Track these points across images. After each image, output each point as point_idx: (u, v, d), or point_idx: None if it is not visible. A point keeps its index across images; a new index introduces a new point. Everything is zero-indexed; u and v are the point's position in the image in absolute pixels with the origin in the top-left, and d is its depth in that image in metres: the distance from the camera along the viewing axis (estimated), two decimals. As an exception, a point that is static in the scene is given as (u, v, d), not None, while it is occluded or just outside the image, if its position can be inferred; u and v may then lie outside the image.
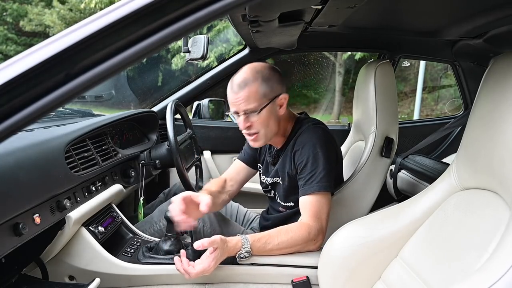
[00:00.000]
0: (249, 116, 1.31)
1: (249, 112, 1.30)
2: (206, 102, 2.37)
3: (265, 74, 1.31)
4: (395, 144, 1.50)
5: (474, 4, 1.19)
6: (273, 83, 1.32)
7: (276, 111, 1.34)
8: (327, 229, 1.28)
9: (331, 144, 1.38)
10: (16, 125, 0.52)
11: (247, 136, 1.38)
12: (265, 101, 1.30)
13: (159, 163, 1.64)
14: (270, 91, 1.31)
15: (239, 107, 1.31)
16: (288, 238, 1.23)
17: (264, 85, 1.30)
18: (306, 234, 1.24)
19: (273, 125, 1.35)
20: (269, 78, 1.31)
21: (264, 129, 1.33)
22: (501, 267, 0.64)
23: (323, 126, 1.40)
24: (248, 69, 1.33)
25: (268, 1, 1.01)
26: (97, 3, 9.40)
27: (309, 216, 1.27)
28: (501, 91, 0.83)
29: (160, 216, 1.49)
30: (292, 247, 1.24)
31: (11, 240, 0.91)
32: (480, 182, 0.89)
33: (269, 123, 1.33)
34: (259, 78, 1.30)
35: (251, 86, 1.29)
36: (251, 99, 1.29)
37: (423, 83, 7.16)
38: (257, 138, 1.35)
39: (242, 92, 1.29)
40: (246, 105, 1.29)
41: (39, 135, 1.16)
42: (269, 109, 1.31)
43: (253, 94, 1.29)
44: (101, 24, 0.53)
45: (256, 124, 1.32)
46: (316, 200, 1.28)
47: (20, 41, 11.92)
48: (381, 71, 1.47)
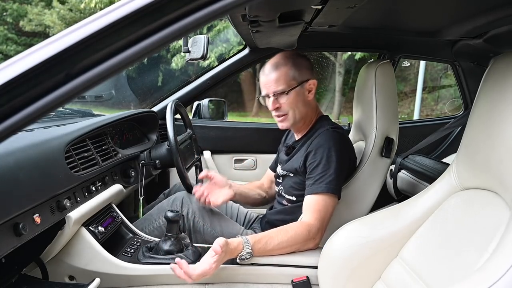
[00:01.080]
0: (278, 97, 1.39)
1: (278, 93, 1.38)
2: (206, 102, 2.37)
3: (295, 59, 1.41)
4: (395, 144, 1.50)
5: (474, 4, 1.18)
6: (302, 68, 1.40)
7: (305, 96, 1.42)
8: (327, 229, 1.28)
9: (347, 151, 1.41)
10: (16, 125, 0.52)
11: (276, 118, 1.45)
12: (293, 83, 1.38)
13: (159, 163, 1.64)
14: (299, 75, 1.39)
15: (270, 88, 1.39)
16: (288, 238, 1.24)
17: (293, 69, 1.38)
18: (306, 232, 1.25)
19: (301, 108, 1.42)
20: (299, 63, 1.40)
21: (292, 111, 1.40)
22: (501, 267, 0.64)
23: (342, 131, 1.43)
24: (280, 54, 1.43)
25: (268, 1, 1.01)
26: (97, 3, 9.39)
27: (311, 214, 1.28)
28: (501, 91, 0.83)
29: (159, 213, 1.49)
30: (292, 246, 1.25)
31: (11, 240, 0.91)
32: (480, 182, 0.89)
33: (297, 105, 1.40)
34: (289, 63, 1.39)
35: (281, 68, 1.38)
36: (280, 81, 1.37)
37: (423, 83, 7.15)
38: (285, 119, 1.42)
39: (273, 74, 1.38)
40: (276, 87, 1.38)
41: (39, 135, 1.16)
42: (298, 92, 1.39)
43: (283, 76, 1.37)
44: (101, 24, 0.53)
45: (284, 106, 1.39)
46: (322, 200, 1.29)
47: (20, 41, 11.92)
48: (381, 71, 1.46)
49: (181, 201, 1.50)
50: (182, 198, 1.51)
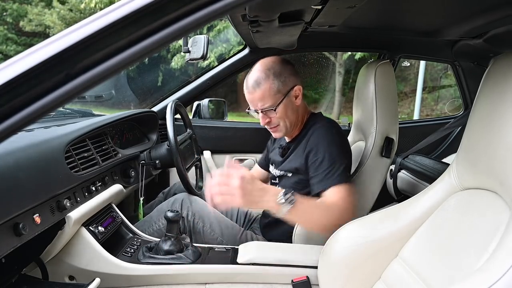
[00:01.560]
0: (267, 112, 1.37)
1: (266, 109, 1.36)
2: (206, 102, 2.37)
3: (276, 69, 1.35)
4: (395, 144, 1.50)
5: (474, 4, 1.18)
6: (285, 77, 1.36)
7: (293, 103, 1.40)
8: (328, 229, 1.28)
9: (345, 142, 1.41)
10: (16, 125, 0.52)
11: (269, 129, 1.44)
12: (279, 96, 1.35)
13: (159, 163, 1.64)
14: (283, 86, 1.36)
15: (256, 105, 1.37)
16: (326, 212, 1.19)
17: (276, 81, 1.34)
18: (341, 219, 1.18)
19: (291, 116, 1.40)
20: (281, 72, 1.36)
21: (283, 121, 1.39)
22: (501, 267, 0.64)
23: (337, 125, 1.43)
24: (260, 66, 1.37)
25: (268, 1, 1.01)
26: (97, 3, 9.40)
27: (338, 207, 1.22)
28: (501, 91, 0.83)
29: (159, 216, 1.49)
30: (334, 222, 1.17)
31: (11, 240, 0.91)
32: (480, 182, 0.89)
33: (287, 115, 1.39)
34: (270, 75, 1.34)
35: (264, 85, 1.34)
36: (266, 98, 1.34)
37: (423, 83, 7.16)
38: (277, 129, 1.42)
39: (257, 92, 1.34)
40: (263, 104, 1.35)
41: (39, 135, 1.16)
42: (285, 103, 1.37)
43: (267, 93, 1.34)
44: (101, 24, 0.53)
45: (274, 119, 1.39)
46: (339, 191, 1.25)
47: (20, 41, 11.93)
48: (381, 71, 1.46)
49: (180, 202, 1.50)
50: (181, 199, 1.51)
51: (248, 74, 1.39)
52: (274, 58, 1.40)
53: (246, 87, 1.38)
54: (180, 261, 1.24)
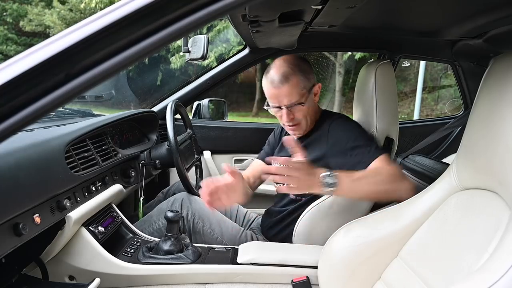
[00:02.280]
0: (293, 109, 1.35)
1: (293, 105, 1.34)
2: (206, 102, 2.37)
3: (301, 65, 1.36)
4: (395, 144, 1.50)
5: (474, 4, 1.18)
6: (308, 74, 1.37)
7: (314, 100, 1.41)
8: (327, 229, 1.28)
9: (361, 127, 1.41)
10: (16, 125, 0.52)
11: (287, 128, 1.42)
12: (305, 92, 1.35)
13: (159, 163, 1.64)
14: (308, 82, 1.36)
15: (282, 101, 1.34)
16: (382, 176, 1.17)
17: (302, 77, 1.34)
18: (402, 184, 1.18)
19: (312, 113, 1.41)
20: (305, 69, 1.37)
21: (305, 118, 1.39)
22: (501, 267, 0.64)
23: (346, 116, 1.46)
24: (284, 62, 1.36)
25: (268, 1, 1.01)
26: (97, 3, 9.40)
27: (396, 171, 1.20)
28: (501, 91, 0.83)
29: (159, 215, 1.49)
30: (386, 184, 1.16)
31: (11, 240, 0.91)
32: (480, 182, 0.89)
33: (309, 112, 1.39)
34: (297, 71, 1.34)
35: (292, 79, 1.32)
36: (293, 93, 1.33)
37: (423, 83, 7.16)
38: (298, 127, 1.40)
39: (285, 87, 1.32)
40: (290, 100, 1.33)
41: (39, 135, 1.16)
42: (309, 100, 1.37)
43: (295, 88, 1.33)
44: (101, 24, 0.53)
45: (298, 115, 1.37)
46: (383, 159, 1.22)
47: (20, 41, 11.93)
48: (381, 71, 1.46)
49: (180, 202, 1.50)
50: (181, 199, 1.51)
51: (270, 70, 1.36)
52: (295, 55, 1.41)
53: (270, 82, 1.34)
54: (180, 261, 1.24)
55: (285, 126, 1.43)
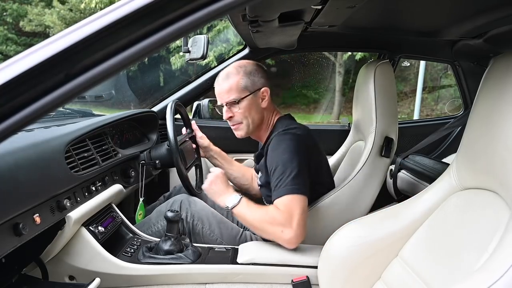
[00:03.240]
0: (231, 107, 1.42)
1: (230, 102, 1.41)
2: (206, 102, 2.37)
3: (247, 68, 1.43)
4: (395, 144, 1.50)
5: (474, 4, 1.19)
6: (254, 77, 1.42)
7: (258, 104, 1.44)
8: (328, 229, 1.28)
9: (302, 150, 1.33)
10: (16, 125, 0.52)
11: (231, 127, 1.49)
12: (245, 92, 1.41)
13: (159, 163, 1.64)
14: (251, 84, 1.42)
15: (222, 98, 1.43)
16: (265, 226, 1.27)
17: (245, 78, 1.41)
18: (280, 232, 1.24)
19: (255, 116, 1.44)
20: (251, 72, 1.43)
21: (246, 119, 1.44)
22: (501, 267, 0.64)
23: (294, 131, 1.36)
24: (234, 64, 1.46)
25: (268, 1, 1.01)
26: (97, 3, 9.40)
27: (282, 219, 1.23)
28: (501, 91, 0.83)
29: (158, 217, 1.49)
30: (264, 229, 1.29)
31: (11, 240, 0.91)
32: (480, 182, 0.89)
33: (250, 113, 1.43)
34: (241, 72, 1.42)
35: (232, 78, 1.41)
36: (232, 91, 1.41)
37: (423, 83, 7.15)
38: (239, 127, 1.47)
39: (224, 84, 1.42)
40: (228, 96, 1.41)
41: (39, 135, 1.16)
42: (250, 101, 1.42)
43: (234, 86, 1.41)
44: (101, 24, 0.53)
45: (237, 115, 1.43)
46: (284, 203, 1.24)
47: (20, 41, 11.92)
48: (381, 71, 1.47)
49: (179, 204, 1.50)
50: (180, 201, 1.51)
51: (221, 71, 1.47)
52: (249, 61, 1.49)
53: (216, 80, 1.46)
54: (180, 261, 1.24)
55: (229, 124, 1.49)
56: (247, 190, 1.81)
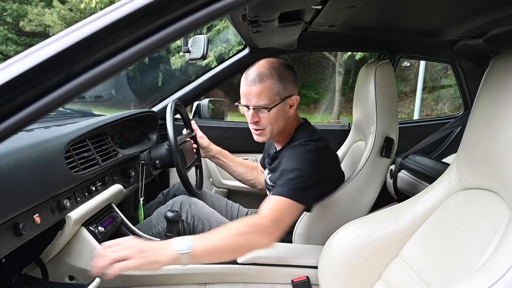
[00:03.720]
0: (259, 111, 1.31)
1: (259, 107, 1.30)
2: (206, 102, 2.37)
3: (281, 71, 1.31)
4: (395, 144, 1.50)
5: (474, 4, 1.18)
6: (287, 82, 1.32)
7: (286, 111, 1.34)
8: (328, 229, 1.28)
9: (321, 160, 1.29)
10: (16, 125, 0.52)
11: (252, 130, 1.38)
12: (277, 99, 1.30)
13: (159, 163, 1.64)
14: (283, 90, 1.31)
15: (251, 100, 1.30)
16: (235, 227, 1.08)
17: (278, 83, 1.29)
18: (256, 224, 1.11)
19: (280, 124, 1.35)
20: (284, 76, 1.31)
21: (271, 126, 1.33)
22: (501, 267, 0.64)
23: (318, 144, 1.32)
24: (265, 63, 1.32)
25: (268, 1, 1.01)
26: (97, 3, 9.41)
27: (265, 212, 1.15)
28: (501, 91, 0.83)
29: (158, 219, 1.49)
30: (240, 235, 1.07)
31: (11, 240, 0.91)
32: (480, 182, 0.89)
33: (277, 121, 1.33)
34: (274, 75, 1.29)
35: (266, 82, 1.28)
36: (263, 95, 1.28)
37: (423, 83, 7.16)
38: (262, 133, 1.36)
39: (256, 87, 1.28)
40: (258, 101, 1.29)
41: (39, 135, 1.16)
42: (280, 108, 1.31)
43: (266, 91, 1.28)
44: (101, 24, 0.53)
45: (264, 121, 1.32)
46: (281, 202, 1.17)
47: (20, 41, 11.93)
48: (381, 71, 1.47)
49: (179, 205, 1.50)
50: (180, 202, 1.51)
51: (251, 67, 1.34)
52: (280, 61, 1.37)
53: (245, 78, 1.32)
54: (180, 261, 1.24)
55: (251, 128, 1.38)
56: (252, 185, 1.82)
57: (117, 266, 0.90)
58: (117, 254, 0.91)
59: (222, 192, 2.23)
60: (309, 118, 1.53)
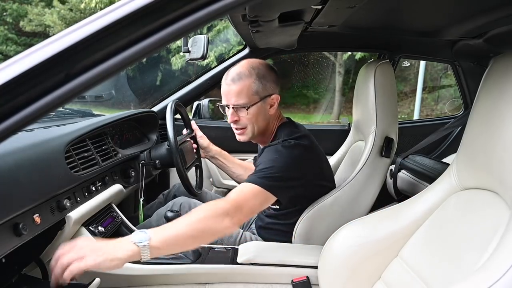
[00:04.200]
0: (238, 110, 1.33)
1: (238, 106, 1.32)
2: (206, 102, 2.37)
3: (260, 71, 1.32)
4: (395, 144, 1.50)
5: (474, 4, 1.19)
6: (267, 82, 1.33)
7: (266, 110, 1.35)
8: (328, 229, 1.28)
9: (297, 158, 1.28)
10: (16, 125, 0.52)
11: (234, 130, 1.41)
12: (256, 98, 1.31)
13: (159, 163, 1.64)
14: (262, 89, 1.32)
15: (230, 100, 1.32)
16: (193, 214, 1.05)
17: (257, 83, 1.30)
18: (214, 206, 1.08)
19: (261, 123, 1.36)
20: (264, 76, 1.32)
21: (251, 125, 1.35)
22: (501, 267, 0.64)
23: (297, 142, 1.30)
24: (245, 63, 1.34)
25: (268, 1, 1.01)
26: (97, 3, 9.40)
27: (228, 196, 1.14)
28: (501, 91, 0.83)
29: (158, 220, 1.49)
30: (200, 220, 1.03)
31: (11, 240, 0.91)
32: (480, 182, 0.89)
33: (257, 120, 1.34)
34: (253, 75, 1.30)
35: (244, 81, 1.30)
36: (242, 95, 1.30)
37: (423, 83, 7.16)
38: (243, 132, 1.38)
39: (235, 86, 1.30)
40: (237, 100, 1.31)
41: (39, 135, 1.16)
42: (259, 107, 1.33)
43: (245, 90, 1.30)
44: (101, 24, 0.53)
45: (243, 120, 1.34)
46: (246, 188, 1.16)
47: (20, 41, 11.92)
48: (381, 71, 1.47)
49: (179, 206, 1.50)
50: (180, 204, 1.51)
51: (231, 67, 1.35)
52: (261, 61, 1.38)
53: (225, 78, 1.33)
54: (180, 261, 1.25)
55: (232, 127, 1.40)
56: None
57: (71, 267, 0.87)
58: (69, 257, 0.88)
59: (222, 192, 2.23)
60: (309, 118, 1.54)
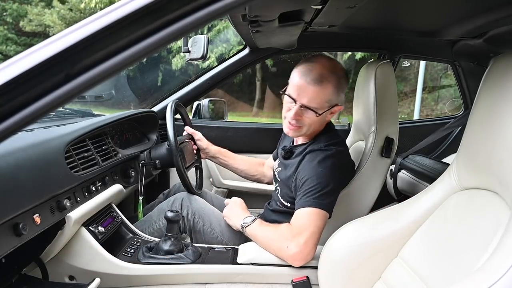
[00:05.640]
0: (305, 110, 1.28)
1: (308, 108, 1.27)
2: (206, 102, 2.37)
3: (341, 80, 1.30)
4: (395, 144, 1.50)
5: (474, 4, 1.18)
6: (341, 92, 1.32)
7: (326, 117, 1.35)
8: (327, 229, 1.28)
9: (340, 169, 1.33)
10: (16, 125, 0.52)
11: (288, 124, 1.33)
12: (326, 106, 1.29)
13: (159, 163, 1.64)
14: (335, 99, 1.30)
15: (302, 98, 1.27)
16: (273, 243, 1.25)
17: (334, 91, 1.28)
18: (285, 247, 1.21)
19: (317, 126, 1.36)
20: (341, 85, 1.31)
21: (308, 127, 1.33)
22: (501, 267, 0.64)
23: (335, 149, 1.33)
24: (328, 64, 1.29)
25: (268, 1, 1.01)
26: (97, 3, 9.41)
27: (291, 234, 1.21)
28: (501, 91, 0.83)
29: (159, 215, 1.49)
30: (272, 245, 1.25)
31: (11, 240, 0.91)
32: (480, 182, 0.89)
33: (315, 124, 1.33)
34: (334, 81, 1.27)
35: (325, 86, 1.25)
36: (317, 99, 1.26)
37: (423, 83, 7.16)
38: (298, 129, 1.33)
39: (313, 87, 1.25)
40: (309, 102, 1.26)
41: (39, 135, 1.16)
42: (324, 114, 1.31)
43: (321, 95, 1.26)
44: (101, 24, 0.53)
45: (306, 120, 1.30)
46: (303, 215, 1.22)
47: (20, 41, 11.92)
48: (381, 71, 1.46)
49: (180, 202, 1.50)
50: (181, 199, 1.51)
51: (312, 62, 1.29)
52: (342, 66, 1.35)
53: (304, 74, 1.26)
54: (180, 261, 1.24)
55: (284, 119, 1.35)
56: (258, 180, 1.83)
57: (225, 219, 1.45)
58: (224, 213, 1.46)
59: (222, 192, 2.23)
60: (309, 118, 1.52)
